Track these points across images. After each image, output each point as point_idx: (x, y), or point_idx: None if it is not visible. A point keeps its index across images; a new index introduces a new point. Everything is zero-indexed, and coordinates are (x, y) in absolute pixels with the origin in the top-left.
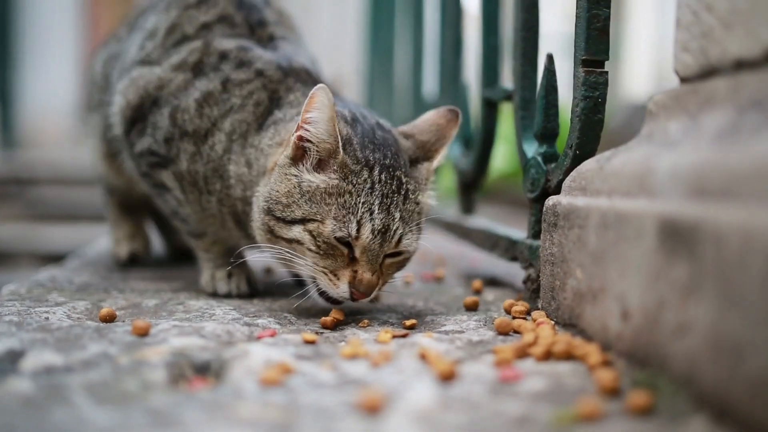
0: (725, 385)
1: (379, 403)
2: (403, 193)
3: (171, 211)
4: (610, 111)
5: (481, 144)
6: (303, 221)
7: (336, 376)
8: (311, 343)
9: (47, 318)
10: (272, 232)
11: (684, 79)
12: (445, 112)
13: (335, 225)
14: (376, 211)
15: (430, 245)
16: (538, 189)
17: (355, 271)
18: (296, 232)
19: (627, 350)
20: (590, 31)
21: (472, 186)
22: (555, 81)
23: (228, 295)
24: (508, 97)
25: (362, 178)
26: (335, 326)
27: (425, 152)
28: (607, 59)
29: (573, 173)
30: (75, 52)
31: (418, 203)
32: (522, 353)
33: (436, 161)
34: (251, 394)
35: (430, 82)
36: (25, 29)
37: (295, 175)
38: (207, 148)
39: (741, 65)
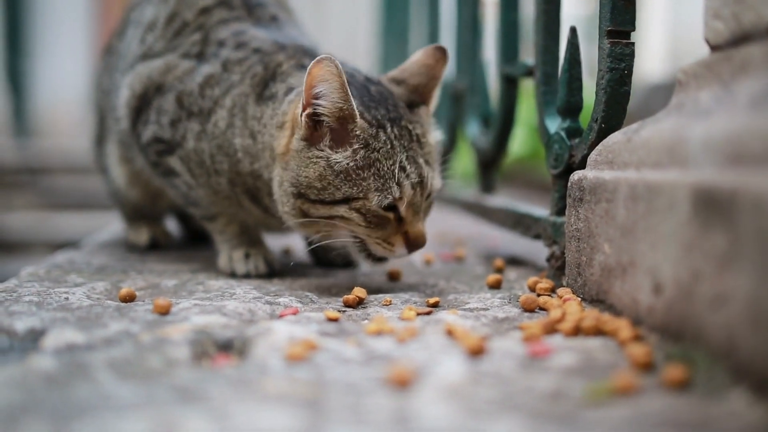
0: (766, 356)
1: (408, 378)
2: (416, 140)
3: (183, 197)
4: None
5: (501, 121)
6: (346, 201)
7: (362, 352)
8: (334, 320)
9: (67, 298)
10: (307, 214)
11: (715, 47)
12: (432, 51)
13: (380, 196)
14: (408, 167)
15: (449, 225)
16: (562, 165)
17: (406, 231)
18: (342, 211)
19: (659, 324)
20: (616, 0)
21: (491, 165)
22: (579, 54)
23: (246, 276)
24: (528, 72)
25: (381, 140)
26: (357, 305)
27: (419, 95)
28: (633, 30)
29: (599, 147)
30: (87, 42)
31: (430, 144)
32: (550, 329)
33: (432, 105)
34: (277, 370)
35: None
36: (37, 19)
37: (321, 157)
38: (211, 126)
39: None
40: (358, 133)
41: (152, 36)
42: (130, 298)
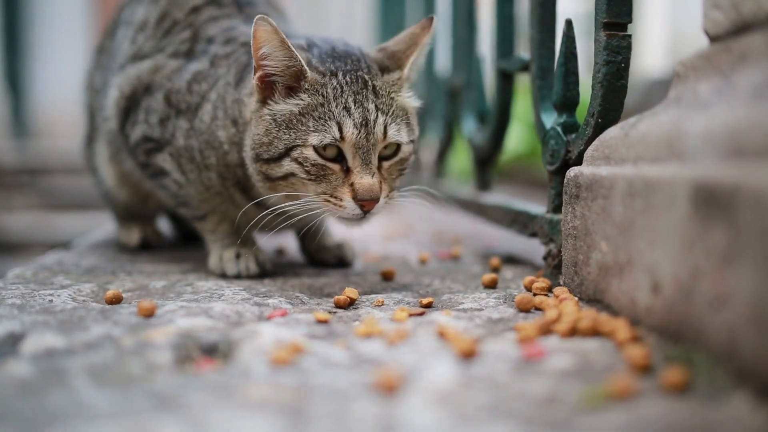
0: None
1: (396, 383)
2: (370, 89)
3: (173, 198)
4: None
5: (497, 117)
6: (288, 151)
7: (350, 356)
8: (324, 322)
9: (51, 300)
10: (268, 177)
11: (714, 38)
12: (423, 21)
13: (317, 136)
14: (353, 107)
15: (445, 224)
16: (558, 161)
17: (352, 183)
18: (286, 166)
19: (658, 325)
20: None
21: (487, 161)
22: (575, 48)
23: (237, 276)
24: (524, 67)
25: (331, 86)
26: (348, 305)
27: (396, 61)
28: (630, 21)
29: (595, 142)
30: (86, 42)
31: (392, 99)
32: (545, 330)
33: (407, 68)
34: (261, 375)
35: (443, 58)
36: (35, 19)
37: (268, 113)
38: (198, 122)
39: None
40: (306, 86)
41: (143, 36)
42: (116, 300)
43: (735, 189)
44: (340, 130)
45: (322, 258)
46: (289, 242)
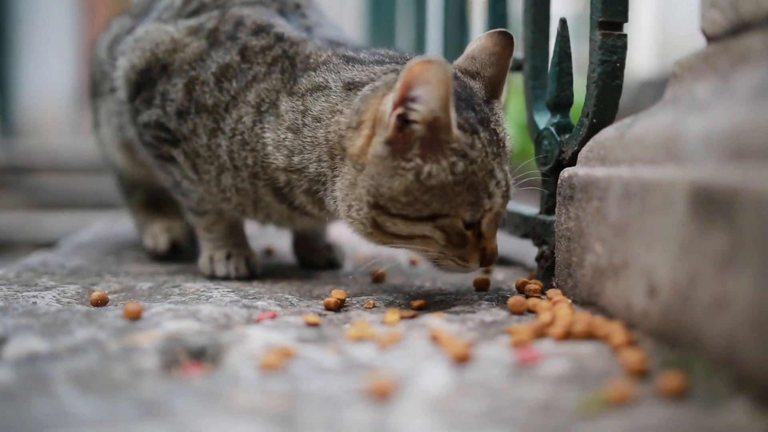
0: None
1: (388, 389)
2: (502, 144)
3: (172, 184)
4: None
5: None
6: (433, 218)
7: (341, 361)
8: (314, 325)
9: (35, 302)
10: (380, 227)
11: (712, 38)
12: (498, 38)
13: (472, 211)
14: (498, 173)
15: None
16: (552, 161)
17: (483, 248)
18: (425, 229)
19: (654, 329)
20: None
21: None
22: (569, 47)
23: (227, 277)
24: (517, 67)
25: (477, 148)
26: (339, 307)
27: (492, 89)
28: (626, 21)
29: (590, 143)
30: (73, 41)
31: (508, 144)
32: (539, 333)
33: (504, 96)
34: (249, 381)
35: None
36: (23, 18)
37: (409, 169)
38: (231, 122)
39: None
40: (454, 145)
41: (167, 15)
42: (102, 303)
43: (735, 192)
44: (491, 201)
45: (312, 260)
46: (277, 242)
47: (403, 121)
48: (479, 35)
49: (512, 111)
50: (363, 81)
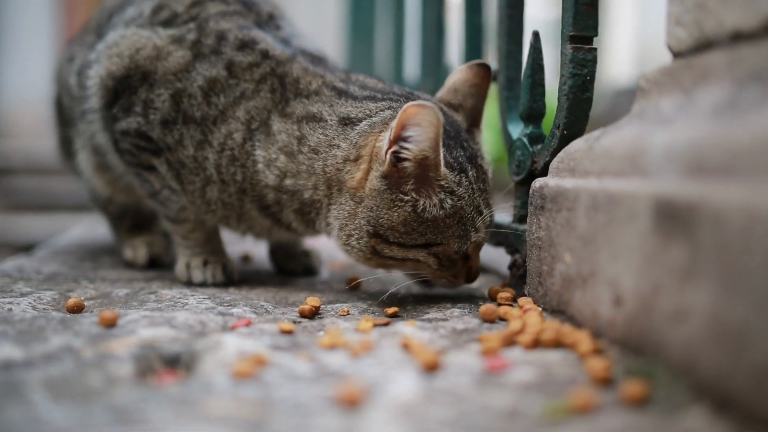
0: (727, 373)
1: (358, 397)
2: (486, 178)
3: (149, 192)
4: (593, 96)
5: None
6: (427, 246)
7: (313, 368)
8: (288, 332)
9: (10, 309)
10: (378, 253)
11: (677, 54)
12: (477, 69)
13: (460, 242)
14: (484, 210)
15: None
16: (524, 171)
17: (470, 267)
18: (420, 255)
19: (619, 337)
20: (579, 5)
21: None
22: (541, 59)
23: (203, 284)
24: (492, 77)
25: (464, 185)
26: (313, 315)
27: (473, 119)
28: (596, 35)
29: (561, 154)
30: (51, 42)
31: (490, 174)
32: (509, 341)
33: (482, 126)
34: (222, 388)
35: (412, 65)
36: (0, 18)
37: (406, 202)
38: (220, 136)
39: (738, 37)
40: (443, 183)
41: (136, 24)
42: (77, 309)
43: (695, 206)
44: (476, 234)
45: (290, 266)
46: (255, 249)
47: (397, 158)
48: (460, 67)
49: (489, 116)
50: (359, 117)
